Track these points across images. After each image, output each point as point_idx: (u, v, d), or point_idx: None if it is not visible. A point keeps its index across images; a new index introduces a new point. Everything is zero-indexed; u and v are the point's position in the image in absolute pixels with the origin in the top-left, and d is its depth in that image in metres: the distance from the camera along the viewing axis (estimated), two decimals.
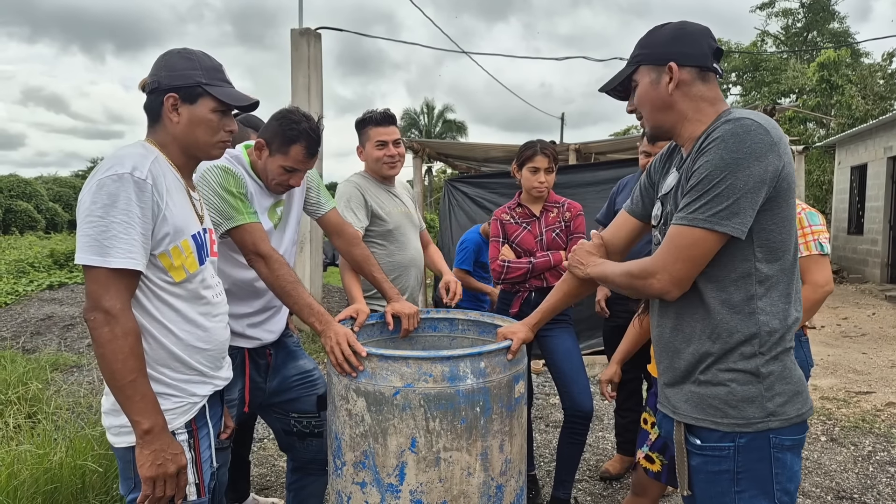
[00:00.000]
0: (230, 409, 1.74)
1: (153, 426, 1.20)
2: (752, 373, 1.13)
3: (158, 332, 1.28)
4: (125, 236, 1.17)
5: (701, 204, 1.10)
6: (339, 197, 2.23)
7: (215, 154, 1.38)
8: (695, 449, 1.20)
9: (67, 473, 2.18)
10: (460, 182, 5.87)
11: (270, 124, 1.75)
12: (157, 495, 1.23)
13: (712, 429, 1.15)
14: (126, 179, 1.18)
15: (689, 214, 1.12)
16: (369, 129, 2.26)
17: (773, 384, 1.13)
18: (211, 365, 1.37)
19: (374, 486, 1.52)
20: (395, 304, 1.93)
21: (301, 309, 1.65)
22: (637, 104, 1.27)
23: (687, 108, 1.21)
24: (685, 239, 1.12)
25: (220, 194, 1.64)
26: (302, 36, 6.19)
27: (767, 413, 1.12)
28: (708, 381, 1.17)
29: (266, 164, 1.75)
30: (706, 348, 1.17)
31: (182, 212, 1.30)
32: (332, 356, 1.55)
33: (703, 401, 1.17)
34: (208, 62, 1.35)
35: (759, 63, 18.77)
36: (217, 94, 1.31)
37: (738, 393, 1.13)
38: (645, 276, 1.18)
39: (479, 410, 1.50)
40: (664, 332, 1.26)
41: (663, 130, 1.27)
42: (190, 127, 1.32)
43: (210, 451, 1.39)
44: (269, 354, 1.89)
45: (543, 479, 2.76)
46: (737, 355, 1.14)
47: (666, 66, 1.20)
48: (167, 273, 1.27)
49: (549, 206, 2.43)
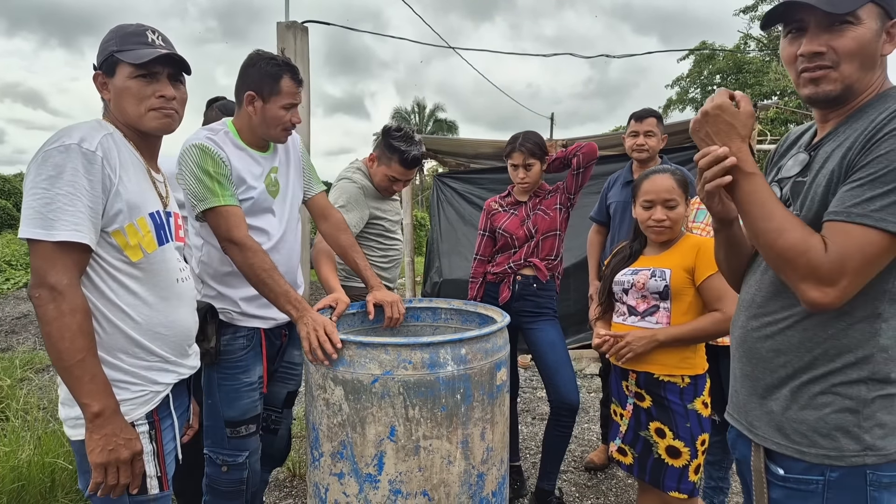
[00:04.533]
0: (251, 393, 1.71)
1: (104, 409, 1.14)
2: (855, 399, 0.96)
3: (115, 315, 1.21)
4: (71, 208, 1.11)
5: (891, 201, 0.88)
6: (340, 192, 2.20)
7: (154, 125, 1.27)
8: (777, 480, 1.02)
9: (36, 471, 2.11)
10: (449, 178, 5.82)
11: (249, 73, 1.66)
12: (109, 483, 1.16)
13: (797, 458, 0.99)
14: (73, 150, 1.12)
15: (875, 213, 0.88)
16: (394, 163, 2.20)
17: (875, 413, 0.95)
18: (174, 352, 1.31)
19: (352, 477, 1.47)
20: (376, 293, 1.88)
21: (277, 297, 1.59)
22: (843, 49, 0.95)
23: (879, 76, 0.98)
24: (873, 244, 0.89)
25: (196, 174, 1.57)
26: (288, 29, 6.09)
27: (865, 446, 0.95)
28: (797, 403, 1.00)
29: (264, 114, 1.66)
30: (805, 364, 0.99)
31: (138, 189, 1.24)
32: (306, 342, 1.50)
33: (788, 424, 1.00)
34: (128, 29, 1.27)
35: (742, 66, 18.99)
36: (125, 58, 1.23)
37: (832, 421, 0.96)
38: (819, 282, 0.91)
39: (460, 398, 1.46)
40: (751, 332, 1.07)
41: (843, 95, 0.98)
42: (117, 100, 1.26)
43: (175, 444, 1.33)
44: (285, 335, 1.87)
45: (529, 470, 2.74)
46: (842, 377, 0.96)
47: (892, 22, 0.96)
48: (122, 252, 1.21)
49: (538, 192, 2.41)
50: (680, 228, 1.83)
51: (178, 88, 1.31)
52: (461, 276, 4.86)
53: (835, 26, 0.95)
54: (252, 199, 1.67)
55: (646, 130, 2.52)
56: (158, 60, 1.25)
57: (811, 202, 0.99)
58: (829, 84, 0.98)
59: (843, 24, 0.94)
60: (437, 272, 5.18)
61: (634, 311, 1.81)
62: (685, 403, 1.71)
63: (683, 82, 20.75)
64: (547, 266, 2.33)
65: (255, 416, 1.72)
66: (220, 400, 1.68)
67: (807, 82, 1.00)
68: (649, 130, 2.52)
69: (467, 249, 5.00)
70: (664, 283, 1.74)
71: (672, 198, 1.78)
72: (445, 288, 4.95)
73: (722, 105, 0.97)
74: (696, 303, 1.73)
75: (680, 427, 1.71)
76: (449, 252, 5.18)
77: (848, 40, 0.95)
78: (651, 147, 2.54)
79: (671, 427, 1.72)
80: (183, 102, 1.34)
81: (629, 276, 1.83)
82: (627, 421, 1.83)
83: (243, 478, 1.69)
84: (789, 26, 1.02)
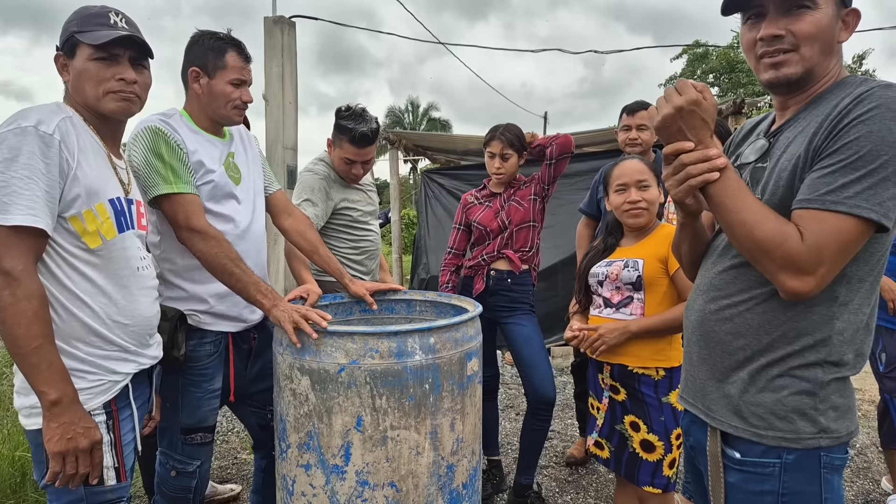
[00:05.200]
0: (212, 401, 1.65)
1: (61, 397, 1.11)
2: (812, 382, 0.96)
3: (71, 303, 1.19)
4: (27, 192, 1.09)
5: (864, 188, 0.87)
6: (303, 186, 2.13)
7: (112, 107, 1.24)
8: (733, 463, 1.02)
9: (6, 466, 2.08)
10: (437, 174, 5.81)
11: (193, 50, 1.61)
12: (67, 472, 1.14)
13: (754, 441, 0.99)
14: (30, 133, 1.10)
15: (849, 200, 0.87)
16: (345, 142, 2.10)
17: (830, 396, 0.96)
18: (134, 341, 1.29)
19: (319, 468, 1.45)
20: (352, 287, 1.88)
21: (246, 287, 1.52)
22: (801, 32, 0.96)
23: (836, 64, 0.99)
24: (849, 231, 0.88)
25: (148, 159, 1.48)
26: (276, 24, 6.06)
27: (820, 429, 0.95)
28: (755, 385, 0.99)
29: (211, 91, 1.60)
30: (763, 346, 0.99)
31: (98, 174, 1.22)
32: (288, 324, 1.44)
33: (745, 407, 1.00)
34: (91, 10, 1.25)
35: (735, 65, 19.07)
36: (85, 39, 1.20)
37: (790, 403, 0.96)
38: (798, 272, 0.90)
39: (429, 388, 1.44)
40: (709, 316, 1.06)
41: (803, 79, 0.99)
42: (76, 83, 1.23)
43: (134, 434, 1.31)
44: (253, 339, 1.77)
45: (510, 466, 2.72)
46: (800, 360, 0.96)
47: (847, 10, 0.98)
48: (80, 239, 1.19)
49: (513, 183, 2.39)
50: (655, 212, 1.82)
51: (140, 72, 1.28)
52: None
53: (793, 11, 0.96)
54: (213, 183, 1.60)
55: (638, 124, 2.48)
56: (120, 42, 1.23)
57: (775, 187, 0.98)
58: (790, 67, 0.98)
59: (801, 9, 0.95)
60: (425, 269, 5.16)
61: (609, 303, 1.80)
62: (659, 396, 1.70)
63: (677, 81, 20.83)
64: (521, 258, 2.31)
65: (211, 425, 1.66)
66: (182, 405, 1.61)
67: (767, 67, 1.00)
68: (642, 124, 2.48)
69: None
70: (637, 274, 1.72)
71: (644, 178, 1.77)
72: (432, 284, 4.93)
73: (697, 100, 0.95)
74: (671, 293, 1.72)
75: (654, 420, 1.69)
76: (436, 248, 5.16)
77: (806, 24, 0.95)
78: (644, 141, 2.49)
79: (645, 420, 1.71)
80: (146, 87, 1.31)
81: (603, 268, 1.82)
82: (603, 414, 1.82)
83: (191, 486, 1.62)
84: (749, 13, 1.02)
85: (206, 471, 1.69)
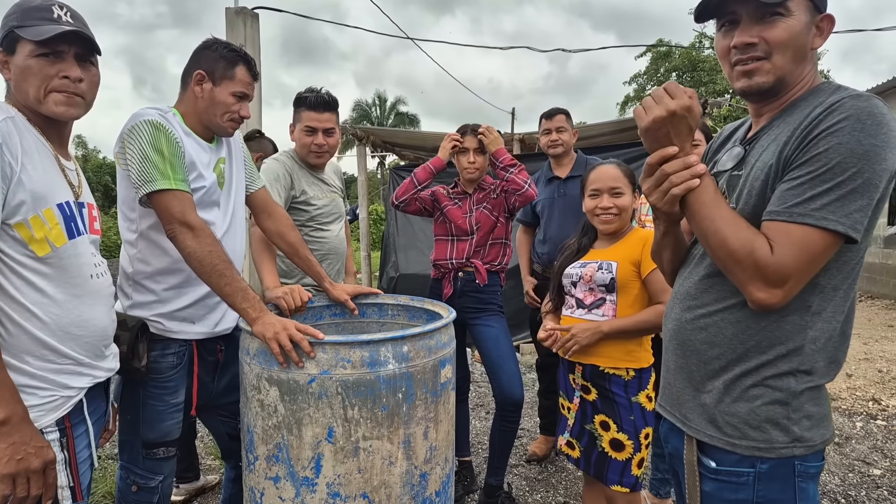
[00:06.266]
0: (175, 414, 1.57)
1: (10, 416, 1.04)
2: (785, 391, 0.96)
3: (19, 315, 1.11)
4: None
5: (831, 200, 0.87)
6: (265, 174, 2.06)
7: (56, 109, 1.17)
8: (709, 472, 1.02)
9: None
10: (405, 171, 5.75)
11: (203, 54, 1.58)
12: (18, 495, 1.06)
13: (728, 450, 0.99)
14: None
15: (816, 212, 0.88)
16: (302, 111, 2.10)
17: (803, 405, 0.96)
18: (88, 353, 1.22)
19: (289, 481, 1.41)
20: (333, 292, 1.84)
21: (234, 292, 1.42)
22: (774, 39, 0.96)
23: (810, 71, 1.00)
24: (816, 243, 0.88)
25: (147, 154, 1.42)
26: (237, 15, 5.88)
27: (793, 438, 0.96)
28: (730, 395, 0.99)
29: (212, 97, 1.57)
30: (737, 356, 0.99)
31: (44, 178, 1.14)
32: (275, 344, 1.35)
33: (720, 416, 1.00)
34: (33, 3, 1.17)
35: (697, 64, 19.60)
36: (26, 35, 1.13)
37: (763, 413, 0.97)
38: (766, 283, 0.90)
39: (402, 397, 1.42)
40: (685, 325, 1.07)
41: (775, 87, 0.99)
42: (18, 81, 1.16)
43: (90, 451, 1.24)
44: (220, 350, 1.69)
45: (480, 465, 2.72)
46: (773, 370, 0.96)
47: (821, 16, 0.98)
48: (27, 246, 1.11)
49: (483, 185, 2.40)
50: (628, 218, 1.84)
51: (86, 70, 1.21)
52: (418, 270, 4.81)
53: (766, 18, 0.96)
54: (204, 189, 1.55)
55: (557, 127, 2.71)
56: (63, 38, 1.15)
57: (748, 196, 0.99)
58: (762, 76, 0.98)
59: (774, 16, 0.96)
60: (394, 267, 5.12)
61: (582, 304, 1.81)
62: (629, 396, 1.73)
63: (641, 79, 21.27)
64: (489, 270, 2.35)
65: (174, 439, 1.59)
66: (142, 419, 1.53)
67: (740, 75, 1.00)
68: (560, 126, 2.71)
69: (424, 244, 4.95)
70: (611, 276, 1.74)
71: (618, 186, 1.79)
72: (402, 283, 4.90)
73: (690, 107, 0.94)
74: (642, 296, 1.75)
75: (624, 420, 1.72)
76: (406, 246, 5.12)
77: (779, 31, 0.96)
78: (564, 141, 2.71)
79: (615, 420, 1.73)
80: (93, 86, 1.24)
81: (578, 269, 1.83)
82: (574, 414, 1.84)
83: (153, 501, 1.56)
84: (722, 20, 1.03)
85: (169, 486, 1.62)
